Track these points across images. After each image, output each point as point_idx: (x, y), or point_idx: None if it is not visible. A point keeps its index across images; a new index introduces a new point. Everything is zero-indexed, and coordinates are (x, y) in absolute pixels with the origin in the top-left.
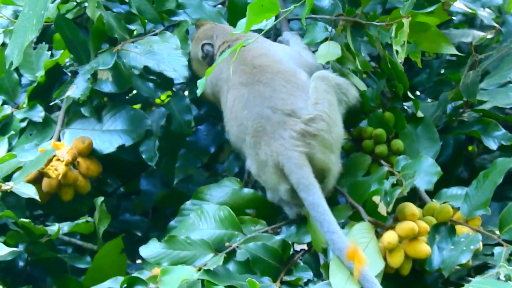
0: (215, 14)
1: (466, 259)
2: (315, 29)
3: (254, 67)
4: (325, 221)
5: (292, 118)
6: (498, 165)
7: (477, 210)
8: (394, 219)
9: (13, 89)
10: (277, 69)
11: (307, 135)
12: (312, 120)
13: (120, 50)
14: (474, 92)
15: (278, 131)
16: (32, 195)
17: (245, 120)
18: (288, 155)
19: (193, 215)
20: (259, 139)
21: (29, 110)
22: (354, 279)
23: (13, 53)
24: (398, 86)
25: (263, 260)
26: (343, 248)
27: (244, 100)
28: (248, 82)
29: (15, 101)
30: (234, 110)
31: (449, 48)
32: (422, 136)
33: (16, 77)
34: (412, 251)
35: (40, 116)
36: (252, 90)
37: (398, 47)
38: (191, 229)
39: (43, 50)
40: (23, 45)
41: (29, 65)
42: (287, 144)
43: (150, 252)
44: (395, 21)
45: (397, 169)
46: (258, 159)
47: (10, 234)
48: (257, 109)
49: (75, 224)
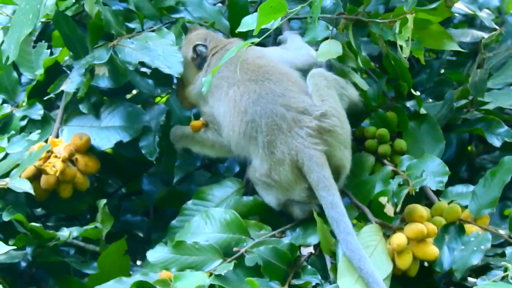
0: (215, 12)
1: (477, 259)
2: (316, 28)
3: (260, 66)
4: (342, 221)
5: (305, 116)
6: (506, 163)
7: (485, 209)
8: (401, 220)
9: (12, 88)
10: (279, 69)
11: (323, 131)
12: (324, 115)
13: (116, 45)
14: (483, 89)
15: (294, 129)
16: (27, 189)
17: (257, 116)
18: (309, 153)
19: (198, 217)
20: (274, 137)
21: (29, 108)
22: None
23: (9, 48)
24: (402, 85)
25: (273, 264)
26: (356, 250)
27: (256, 96)
28: (257, 78)
29: (15, 100)
30: (243, 105)
31: (452, 44)
32: (426, 134)
33: (15, 76)
34: (420, 252)
35: (39, 114)
36: (263, 87)
37: (402, 42)
38: (196, 232)
39: (43, 49)
40: (19, 39)
41: (29, 64)
42: (306, 142)
43: (158, 256)
44: (398, 17)
45: (402, 169)
46: (273, 158)
47: (19, 237)
48: (270, 106)
49: (84, 229)
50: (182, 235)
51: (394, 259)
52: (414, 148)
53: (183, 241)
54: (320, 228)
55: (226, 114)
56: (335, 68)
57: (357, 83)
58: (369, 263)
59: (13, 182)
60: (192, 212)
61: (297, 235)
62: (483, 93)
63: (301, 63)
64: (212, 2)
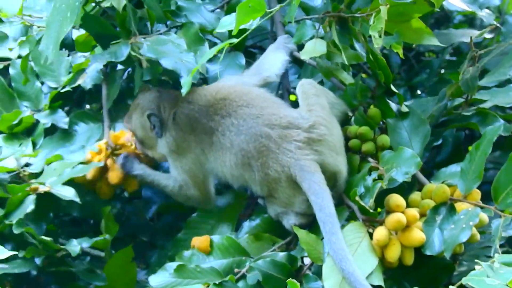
0: (214, 18)
1: (466, 236)
2: (303, 27)
3: (224, 98)
4: (328, 222)
5: (291, 130)
6: (488, 134)
7: (474, 183)
8: (386, 212)
9: (36, 96)
10: (244, 91)
11: (312, 142)
12: (312, 126)
13: (134, 42)
14: (474, 87)
15: (282, 145)
16: (71, 197)
17: (245, 144)
18: (299, 164)
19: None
20: (265, 159)
21: (51, 114)
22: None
23: (48, 48)
24: (379, 74)
25: (273, 276)
26: (338, 250)
27: (235, 127)
28: (228, 112)
29: (39, 109)
30: (227, 142)
31: (432, 39)
32: (410, 128)
33: (39, 84)
34: (406, 240)
35: (65, 122)
36: (238, 116)
37: (375, 33)
38: (197, 263)
39: (63, 57)
40: (58, 39)
41: (51, 73)
42: (296, 155)
43: (160, 281)
44: (374, 10)
45: (382, 164)
46: (269, 179)
47: (29, 249)
48: (253, 130)
49: (94, 241)
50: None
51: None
52: (397, 143)
53: (185, 264)
54: (304, 240)
55: (215, 158)
56: (320, 66)
57: (343, 80)
58: (350, 262)
59: (57, 189)
60: (198, 225)
61: (299, 247)
62: (475, 91)
63: (257, 81)
64: (211, 7)
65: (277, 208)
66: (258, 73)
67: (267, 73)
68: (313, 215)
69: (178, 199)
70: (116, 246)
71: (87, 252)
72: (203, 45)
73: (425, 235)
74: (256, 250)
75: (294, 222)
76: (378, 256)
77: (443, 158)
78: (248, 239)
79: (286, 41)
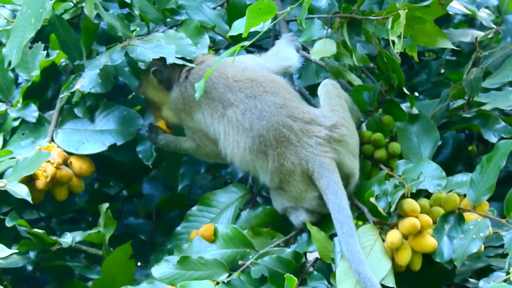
0: (215, 16)
1: (476, 247)
2: (312, 27)
3: (250, 79)
4: (346, 224)
5: (313, 126)
6: (501, 147)
7: (484, 195)
8: (398, 216)
9: (8, 87)
10: (269, 78)
11: (333, 141)
12: (335, 126)
13: (127, 45)
14: (477, 88)
15: (303, 139)
16: (24, 196)
17: (265, 131)
18: (319, 160)
19: (199, 238)
20: (284, 149)
21: (23, 109)
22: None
23: (11, 53)
24: (393, 77)
25: (279, 273)
26: (355, 252)
27: (258, 111)
28: (254, 94)
29: (10, 100)
30: (247, 123)
31: (446, 42)
32: (420, 133)
33: (11, 75)
34: (418, 246)
35: (34, 116)
36: (263, 101)
37: (394, 37)
38: (200, 251)
39: (39, 50)
40: (21, 44)
41: (25, 64)
42: (316, 151)
43: (163, 272)
44: (391, 14)
45: (398, 173)
46: (283, 170)
47: (22, 242)
48: (276, 119)
49: (87, 234)
50: (186, 254)
51: (394, 256)
52: (408, 148)
53: (188, 256)
54: (316, 237)
55: (227, 133)
56: (330, 66)
57: (352, 81)
58: (367, 267)
59: (11, 185)
60: (197, 218)
61: (302, 242)
62: (478, 92)
63: (278, 68)
64: (212, 5)
65: (285, 202)
66: (279, 60)
67: (288, 62)
68: (323, 214)
69: (202, 158)
70: (115, 245)
71: (84, 250)
72: (203, 37)
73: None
74: (256, 244)
75: (305, 218)
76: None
77: (443, 159)
78: (247, 234)
79: (292, 38)
